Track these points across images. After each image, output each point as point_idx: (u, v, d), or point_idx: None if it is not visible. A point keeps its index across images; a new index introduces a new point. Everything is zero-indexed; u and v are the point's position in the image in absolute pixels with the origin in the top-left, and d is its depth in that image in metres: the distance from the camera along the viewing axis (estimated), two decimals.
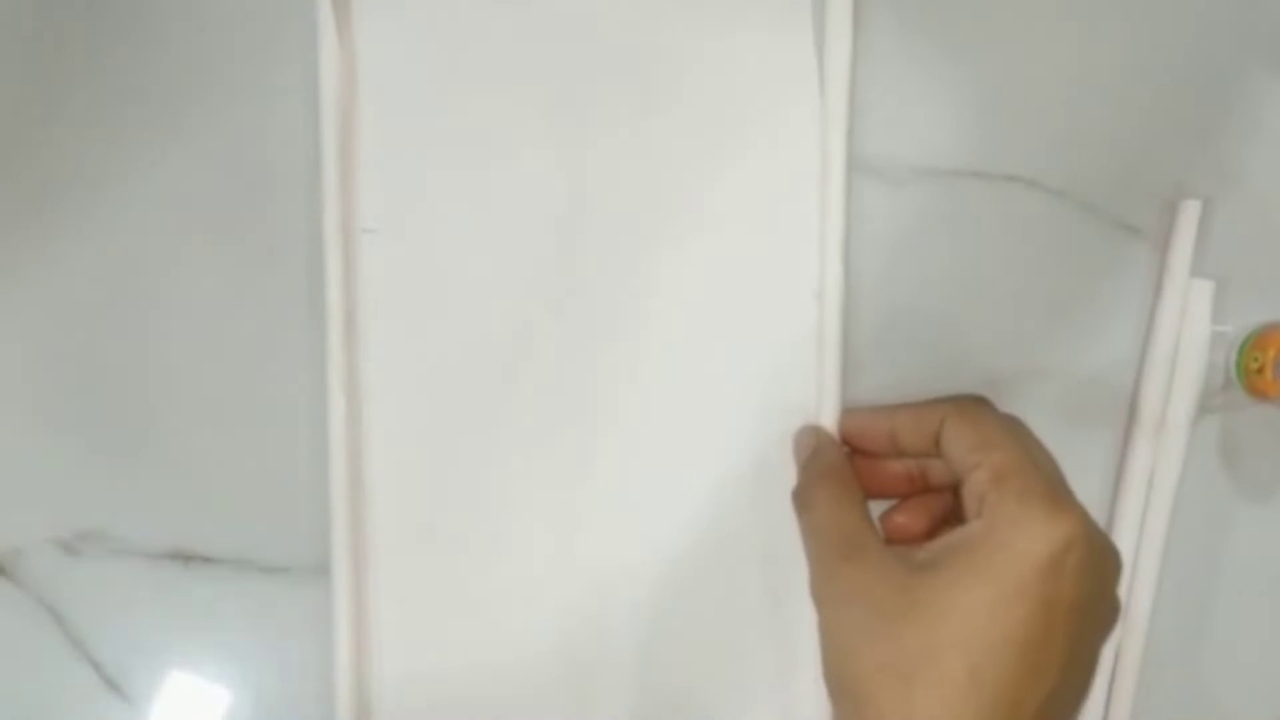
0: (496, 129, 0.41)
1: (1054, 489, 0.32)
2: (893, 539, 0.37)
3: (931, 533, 0.38)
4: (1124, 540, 0.43)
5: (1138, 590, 0.43)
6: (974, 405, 0.36)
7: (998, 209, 0.42)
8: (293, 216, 0.41)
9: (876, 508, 0.38)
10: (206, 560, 0.41)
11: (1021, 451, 0.33)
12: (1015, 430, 0.35)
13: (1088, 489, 0.43)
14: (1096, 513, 0.43)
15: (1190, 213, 0.42)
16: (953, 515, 0.38)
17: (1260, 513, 0.44)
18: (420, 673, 0.41)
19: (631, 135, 0.41)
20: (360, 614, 0.41)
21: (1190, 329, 0.42)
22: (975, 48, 0.42)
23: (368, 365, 0.41)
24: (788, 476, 0.40)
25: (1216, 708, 0.44)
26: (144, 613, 0.41)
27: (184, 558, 0.41)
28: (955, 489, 0.36)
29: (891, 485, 0.38)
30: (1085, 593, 0.31)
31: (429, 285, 0.41)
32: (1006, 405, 0.42)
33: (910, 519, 0.37)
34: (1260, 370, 0.41)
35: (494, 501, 0.42)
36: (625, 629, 0.42)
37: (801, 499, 0.37)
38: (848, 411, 0.40)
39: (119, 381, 0.41)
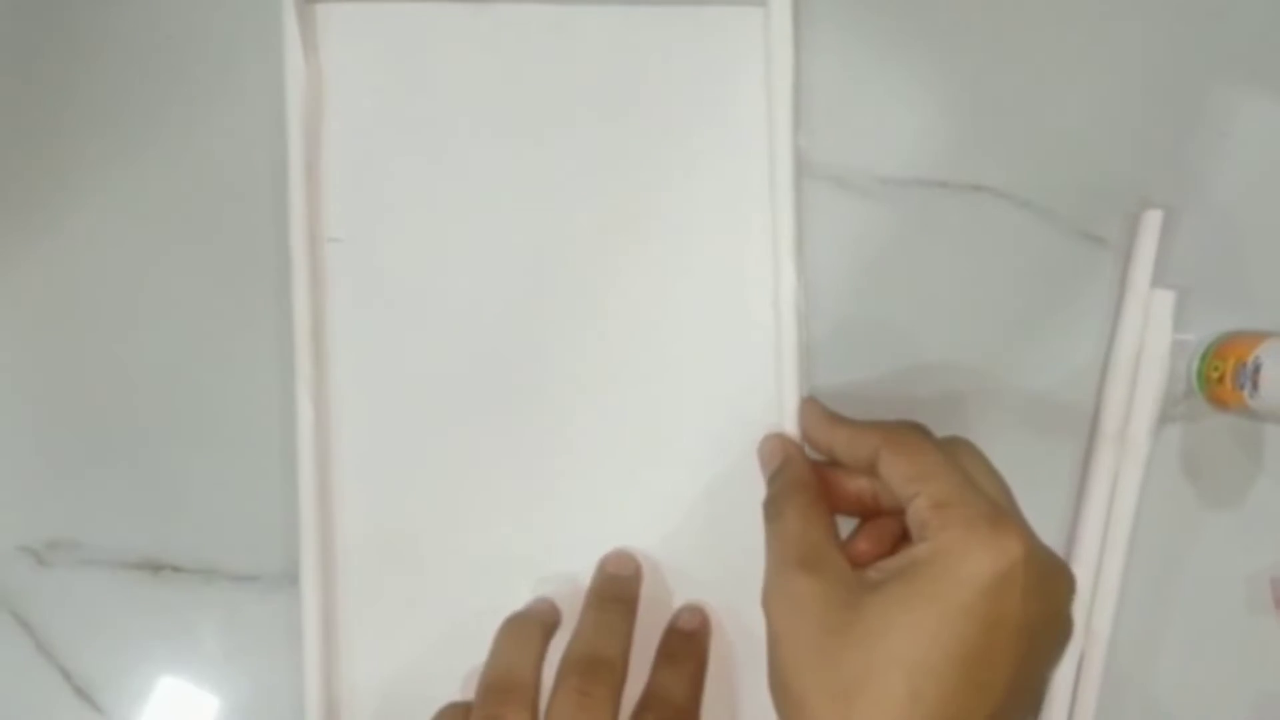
0: (459, 140, 0.41)
1: (997, 512, 0.32)
2: (859, 564, 0.37)
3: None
4: (1087, 547, 0.43)
5: (1101, 597, 0.43)
6: (908, 434, 0.36)
7: (963, 219, 0.43)
8: (261, 228, 0.41)
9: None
10: (176, 569, 0.41)
11: (960, 478, 0.33)
12: (954, 456, 0.34)
13: (1051, 496, 0.44)
14: (1060, 520, 0.44)
15: (1153, 223, 0.43)
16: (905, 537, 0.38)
17: (1222, 520, 0.44)
18: (389, 678, 0.42)
19: (593, 146, 0.42)
20: (329, 621, 0.41)
21: (1152, 338, 0.43)
22: (940, 59, 0.43)
23: (335, 373, 0.41)
24: (751, 483, 0.41)
25: (1180, 714, 0.44)
26: (114, 621, 0.41)
27: (153, 567, 0.41)
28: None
29: (845, 503, 0.38)
30: (1032, 613, 0.31)
31: (395, 294, 0.42)
32: (970, 413, 0.43)
33: (872, 545, 0.37)
34: (1220, 379, 0.41)
35: (461, 507, 0.42)
36: None
37: (772, 509, 0.37)
38: (807, 403, 0.40)
39: (89, 392, 0.41)
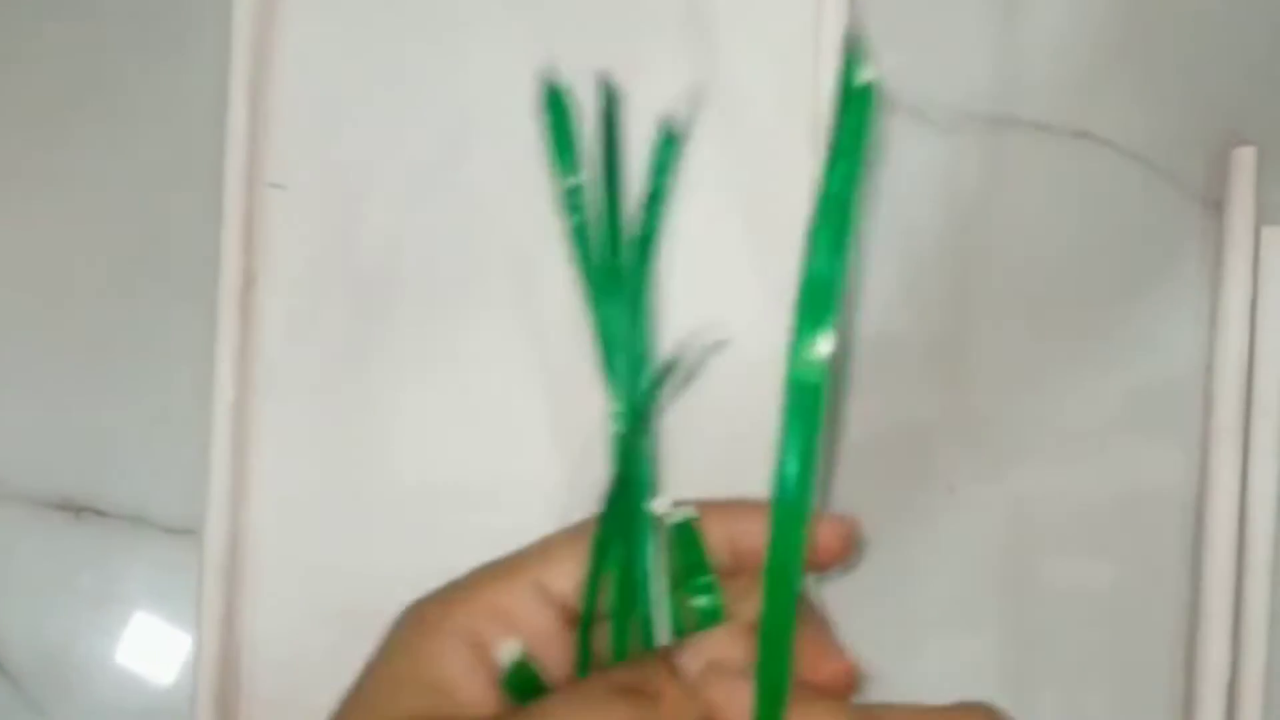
0: (419, 90, 0.39)
1: None
2: None
3: None
4: (1220, 564, 0.35)
5: (1252, 601, 0.35)
6: None
7: (1057, 162, 0.38)
8: (200, 170, 0.38)
9: None
10: (99, 514, 0.37)
11: None
12: None
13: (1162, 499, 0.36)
14: (1182, 517, 0.36)
15: (1246, 160, 0.37)
16: None
17: None
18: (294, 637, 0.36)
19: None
20: (233, 576, 0.36)
21: (1268, 283, 0.36)
22: None
23: (265, 329, 0.38)
24: None
25: None
26: (27, 563, 0.37)
27: (75, 509, 0.37)
28: None
29: None
30: None
31: (338, 250, 0.38)
32: (1052, 370, 0.36)
33: None
34: None
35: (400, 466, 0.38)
36: None
37: None
38: None
39: (15, 317, 0.38)
